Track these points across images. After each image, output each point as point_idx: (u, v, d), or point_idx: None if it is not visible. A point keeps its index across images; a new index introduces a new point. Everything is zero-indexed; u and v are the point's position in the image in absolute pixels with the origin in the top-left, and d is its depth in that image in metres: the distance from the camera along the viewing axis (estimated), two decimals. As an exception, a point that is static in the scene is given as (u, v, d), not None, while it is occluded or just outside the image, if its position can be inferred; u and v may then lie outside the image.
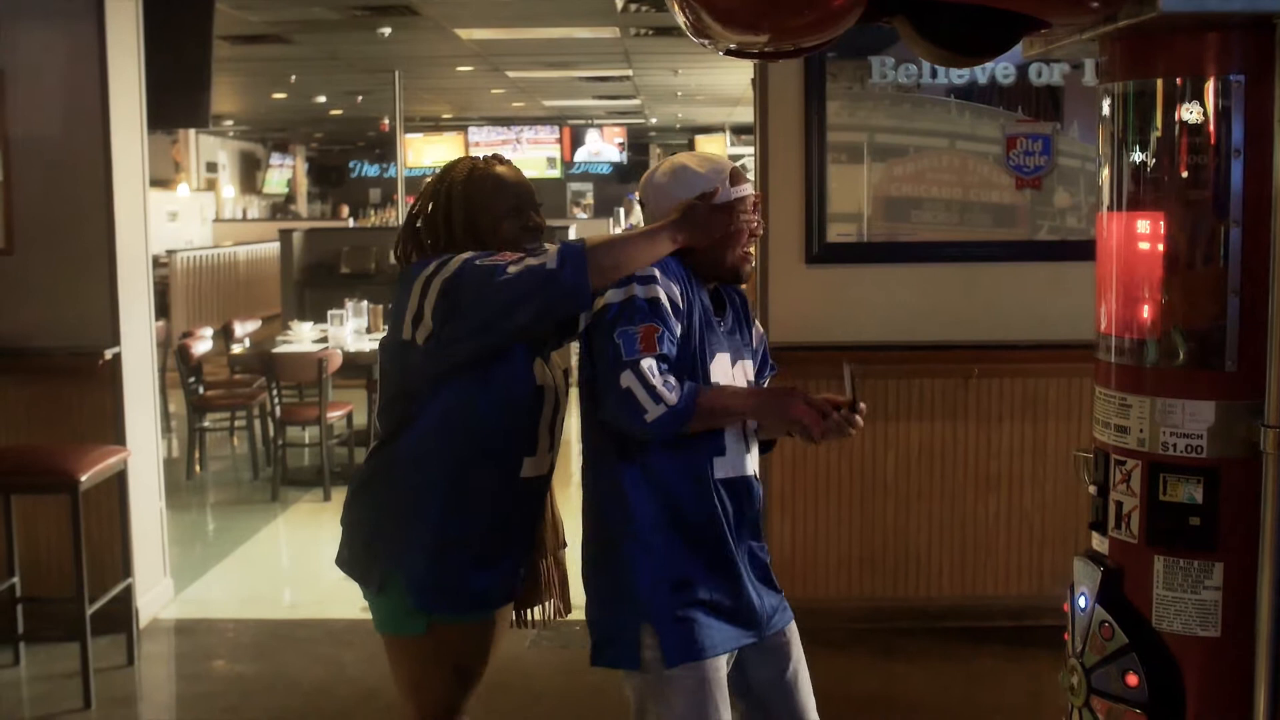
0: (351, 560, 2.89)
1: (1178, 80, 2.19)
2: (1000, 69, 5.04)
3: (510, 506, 2.82)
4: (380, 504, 2.83)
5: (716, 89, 16.47)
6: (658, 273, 2.63)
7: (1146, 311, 2.25)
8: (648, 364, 2.54)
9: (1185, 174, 2.20)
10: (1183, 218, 2.21)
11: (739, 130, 21.93)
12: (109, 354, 5.17)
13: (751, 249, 2.87)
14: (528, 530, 2.92)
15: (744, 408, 2.71)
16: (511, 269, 2.60)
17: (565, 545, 3.06)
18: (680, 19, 2.31)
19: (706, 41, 2.36)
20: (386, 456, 2.82)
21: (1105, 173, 2.33)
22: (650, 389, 2.52)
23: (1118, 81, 2.28)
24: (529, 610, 3.03)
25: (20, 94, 5.13)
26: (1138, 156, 2.26)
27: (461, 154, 16.05)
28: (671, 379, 2.56)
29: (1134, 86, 2.25)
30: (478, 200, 2.82)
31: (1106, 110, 2.31)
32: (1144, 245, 2.24)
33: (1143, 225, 2.25)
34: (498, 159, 2.92)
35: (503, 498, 2.79)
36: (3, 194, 5.17)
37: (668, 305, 2.61)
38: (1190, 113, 2.18)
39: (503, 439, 2.77)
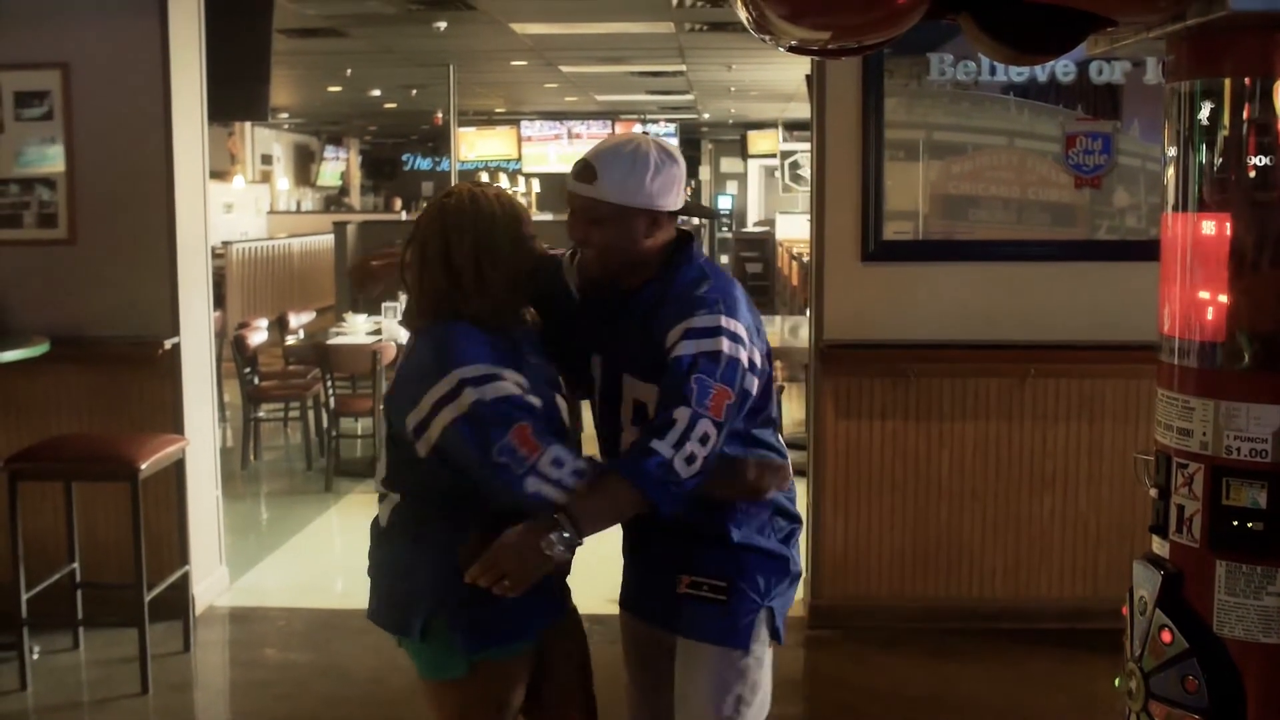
0: (385, 612, 2.79)
1: (1246, 80, 2.16)
2: (1060, 67, 4.99)
3: None
4: (412, 555, 2.71)
5: (770, 84, 16.42)
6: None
7: (1211, 314, 2.22)
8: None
9: (1253, 174, 2.17)
10: (1249, 219, 2.18)
11: (791, 126, 21.85)
12: (168, 344, 5.23)
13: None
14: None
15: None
16: (502, 458, 2.46)
17: None
18: (743, 15, 2.30)
19: (768, 38, 2.36)
20: (408, 511, 2.71)
21: (1171, 173, 2.30)
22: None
23: (1184, 81, 2.25)
24: None
25: (84, 87, 5.20)
26: (1204, 156, 2.23)
27: (514, 146, 15.96)
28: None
29: (1201, 85, 2.22)
30: (485, 236, 2.64)
31: (1173, 109, 2.28)
32: (1209, 246, 2.22)
33: (1208, 226, 2.22)
34: (493, 187, 2.75)
35: None
36: (66, 185, 5.24)
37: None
38: (1258, 112, 2.15)
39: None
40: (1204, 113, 2.23)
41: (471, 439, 2.50)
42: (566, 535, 2.44)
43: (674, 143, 2.84)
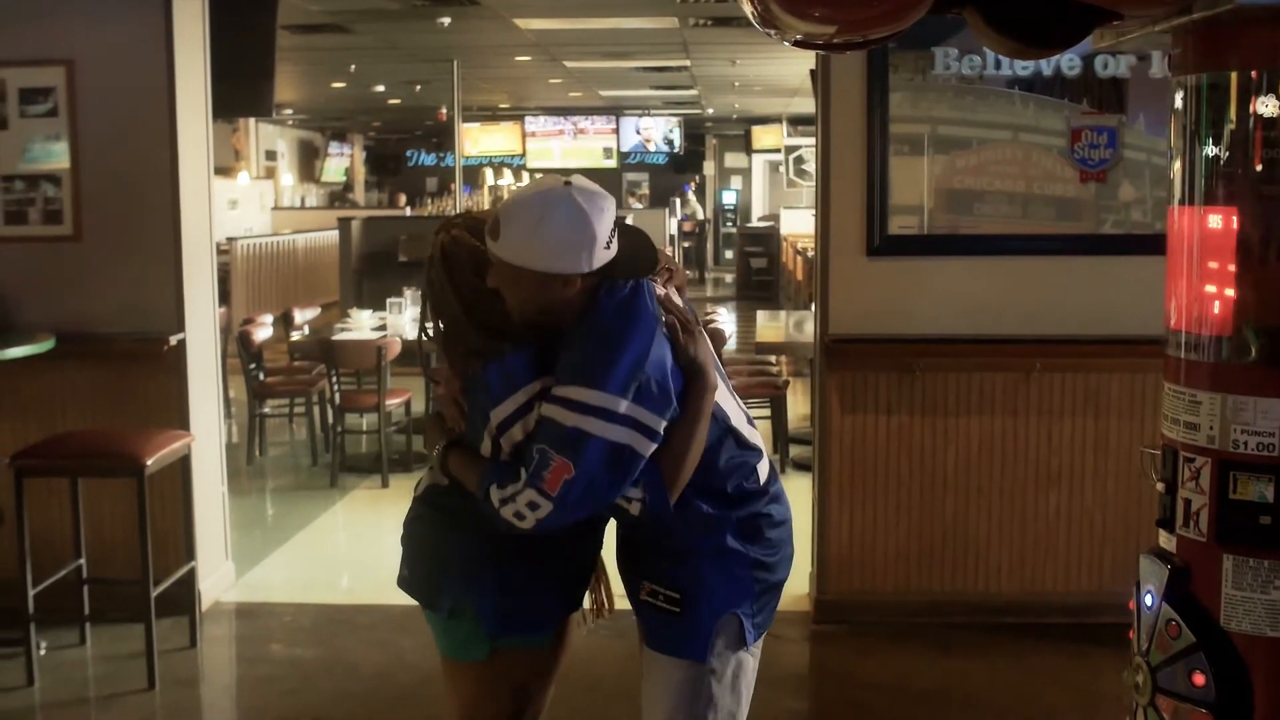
0: (415, 583, 2.83)
1: (1253, 73, 2.16)
2: (1066, 61, 4.99)
3: (579, 531, 2.76)
4: (446, 534, 2.77)
5: (774, 79, 16.40)
6: None
7: (1218, 307, 2.22)
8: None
9: (1259, 168, 2.17)
10: (1256, 212, 2.18)
11: (795, 121, 21.83)
12: (174, 340, 5.24)
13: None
14: (593, 549, 2.89)
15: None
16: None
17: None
18: (747, 8, 2.30)
19: (773, 32, 2.35)
20: (449, 493, 2.74)
21: (1177, 166, 2.30)
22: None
23: (1191, 74, 2.25)
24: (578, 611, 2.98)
25: (89, 83, 5.21)
26: (1211, 150, 2.23)
27: (518, 142, 15.95)
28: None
29: (1208, 79, 2.22)
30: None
31: (1179, 103, 2.28)
32: (1216, 240, 2.22)
33: (1215, 220, 2.22)
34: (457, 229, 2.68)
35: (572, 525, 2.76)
36: (71, 181, 5.25)
37: None
38: (1265, 106, 2.15)
39: None
40: (1210, 106, 2.22)
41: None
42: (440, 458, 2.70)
43: (597, 190, 2.52)
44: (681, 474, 2.57)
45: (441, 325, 2.69)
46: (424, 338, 2.73)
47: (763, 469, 2.74)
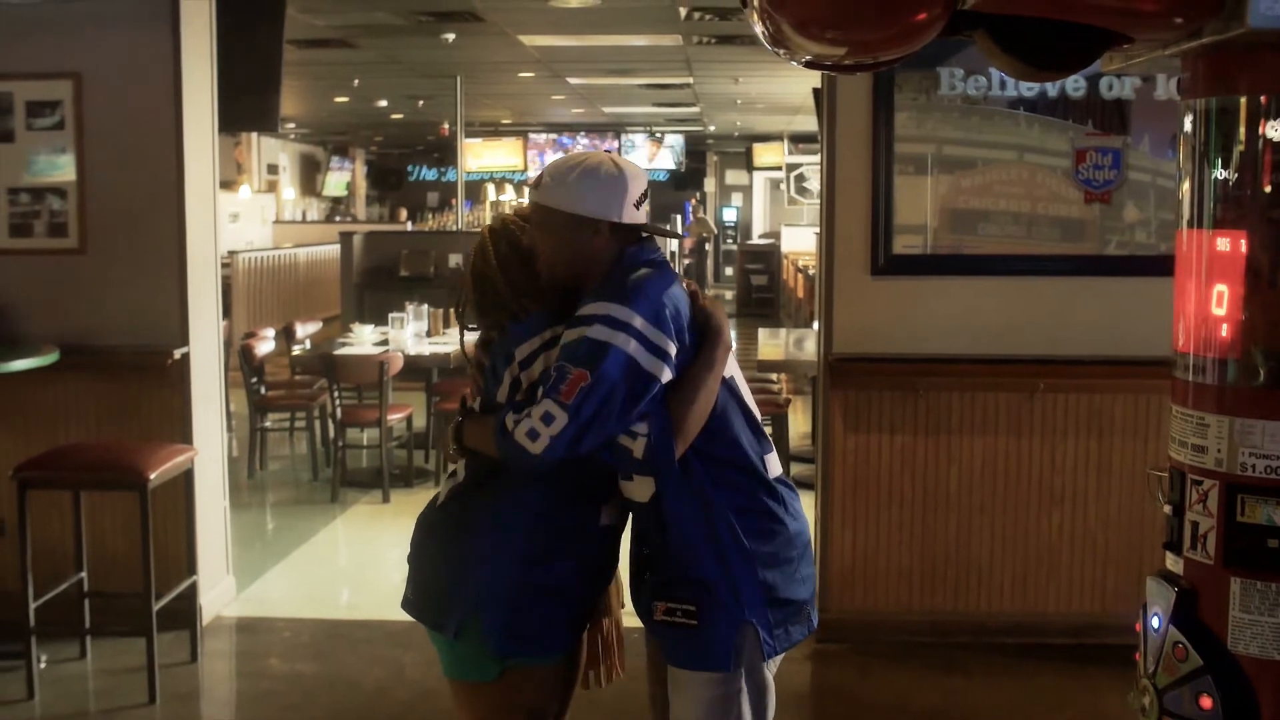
0: (421, 605, 2.83)
1: (1262, 98, 2.16)
2: (1071, 82, 5.00)
3: (589, 552, 2.80)
4: (455, 551, 2.77)
5: (776, 97, 16.44)
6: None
7: (1226, 330, 2.22)
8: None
9: (1269, 191, 2.17)
10: (1265, 235, 2.18)
11: (797, 139, 21.88)
12: (178, 353, 5.24)
13: None
14: (605, 572, 2.90)
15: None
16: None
17: (624, 606, 3.02)
18: (759, 30, 2.31)
19: (783, 52, 2.36)
20: (463, 504, 2.79)
21: (1185, 189, 2.30)
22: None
23: (1200, 98, 2.25)
24: (593, 672, 3.00)
25: (96, 97, 5.22)
26: (1220, 173, 2.23)
27: (519, 157, 16.10)
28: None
29: (1217, 103, 2.22)
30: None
31: (1188, 126, 2.28)
32: (1224, 263, 2.22)
33: (1223, 243, 2.22)
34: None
35: (584, 544, 2.78)
36: (77, 194, 5.26)
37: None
38: (1275, 130, 2.15)
39: (583, 488, 2.75)
40: (1219, 130, 2.23)
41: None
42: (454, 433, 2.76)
43: (635, 162, 2.88)
44: (688, 422, 2.64)
45: (478, 294, 2.86)
46: (458, 311, 2.91)
47: (771, 462, 2.79)
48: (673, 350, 2.62)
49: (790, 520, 2.78)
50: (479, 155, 22.66)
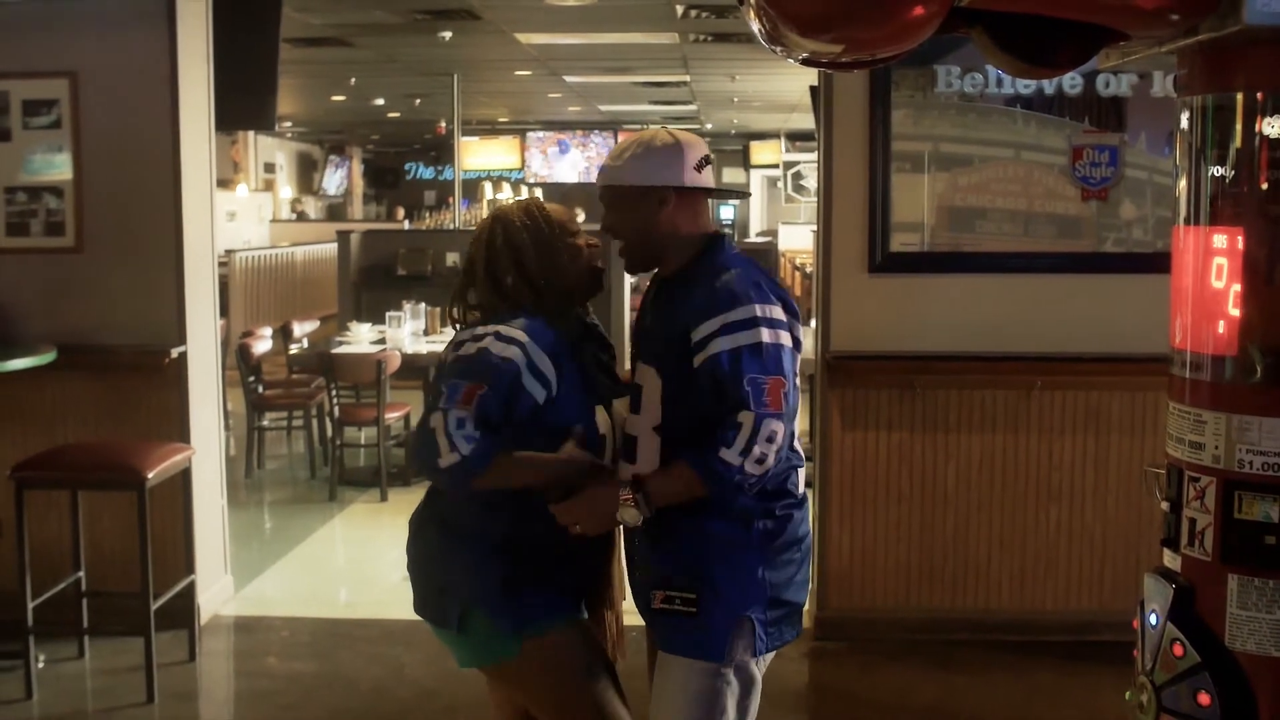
0: (424, 603, 2.89)
1: (1259, 94, 2.16)
2: (1067, 79, 5.00)
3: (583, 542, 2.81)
4: (444, 545, 2.83)
5: (773, 95, 16.44)
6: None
7: (1223, 327, 2.22)
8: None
9: (1265, 188, 2.17)
10: (1262, 232, 2.18)
11: (794, 137, 21.86)
12: (175, 352, 5.24)
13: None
14: (599, 553, 2.91)
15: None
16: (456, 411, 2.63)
17: (625, 598, 3.04)
18: (755, 26, 2.30)
19: (780, 49, 2.36)
20: (445, 501, 2.84)
21: (1182, 186, 2.30)
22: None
23: (1197, 95, 2.25)
24: None
25: (92, 96, 5.22)
26: (1216, 170, 2.23)
27: (516, 156, 16.08)
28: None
29: (1214, 100, 2.22)
30: (544, 242, 2.88)
31: (1185, 123, 2.28)
32: (1221, 260, 2.22)
33: (1220, 240, 2.22)
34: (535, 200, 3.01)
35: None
36: (74, 194, 5.25)
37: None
38: (1271, 126, 2.15)
39: None
40: (1216, 126, 2.23)
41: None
42: (633, 505, 2.66)
43: (693, 133, 2.95)
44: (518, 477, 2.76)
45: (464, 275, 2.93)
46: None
47: (800, 476, 2.84)
48: (784, 315, 2.73)
49: (802, 525, 2.84)
50: (476, 154, 22.62)
